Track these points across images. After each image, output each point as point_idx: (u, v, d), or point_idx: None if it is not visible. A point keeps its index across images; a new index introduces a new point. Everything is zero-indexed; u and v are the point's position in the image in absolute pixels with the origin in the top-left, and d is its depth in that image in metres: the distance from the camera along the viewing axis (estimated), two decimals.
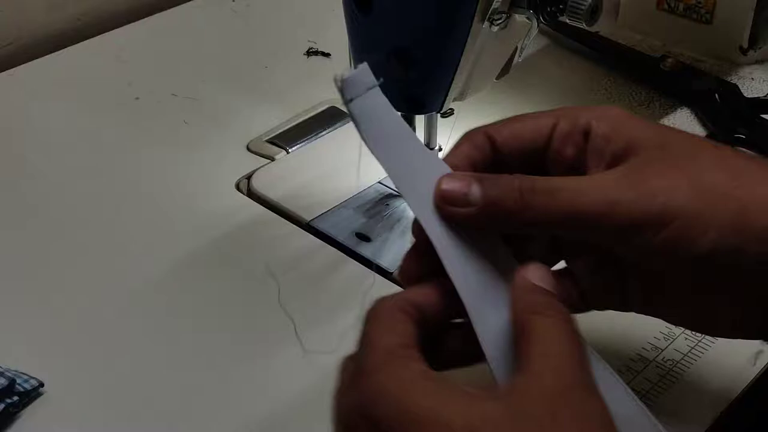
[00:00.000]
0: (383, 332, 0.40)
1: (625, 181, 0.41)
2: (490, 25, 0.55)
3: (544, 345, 0.38)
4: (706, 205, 0.40)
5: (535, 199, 0.41)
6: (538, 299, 0.40)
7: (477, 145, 0.45)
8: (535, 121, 0.45)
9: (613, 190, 0.41)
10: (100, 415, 0.52)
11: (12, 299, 0.60)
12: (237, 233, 0.65)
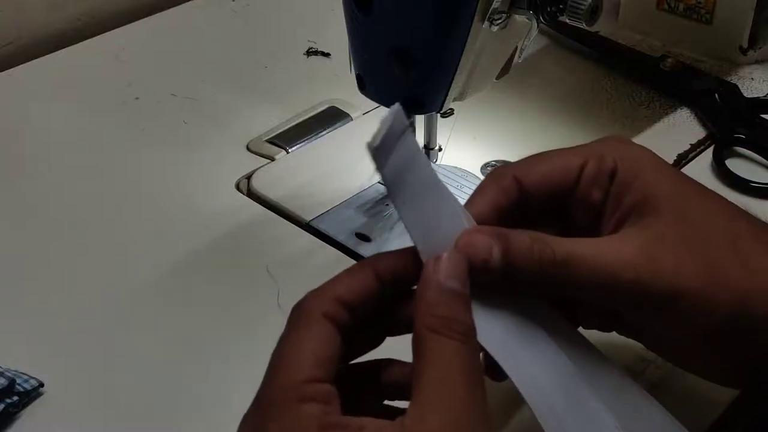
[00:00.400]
0: (299, 348, 0.39)
1: (642, 258, 0.41)
2: (490, 25, 0.55)
3: (437, 370, 0.37)
4: (714, 291, 0.41)
5: (553, 270, 0.41)
6: (440, 312, 0.38)
7: (504, 188, 0.44)
8: (563, 162, 0.44)
9: (630, 267, 0.41)
10: (100, 415, 0.52)
11: (12, 299, 0.60)
12: (237, 233, 0.65)
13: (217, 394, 0.53)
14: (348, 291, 0.40)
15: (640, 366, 0.54)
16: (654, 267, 0.41)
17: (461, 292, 0.39)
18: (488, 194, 0.44)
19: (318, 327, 0.39)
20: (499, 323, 0.41)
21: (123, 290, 0.60)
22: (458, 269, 0.39)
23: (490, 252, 0.40)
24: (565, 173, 0.44)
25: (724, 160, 0.70)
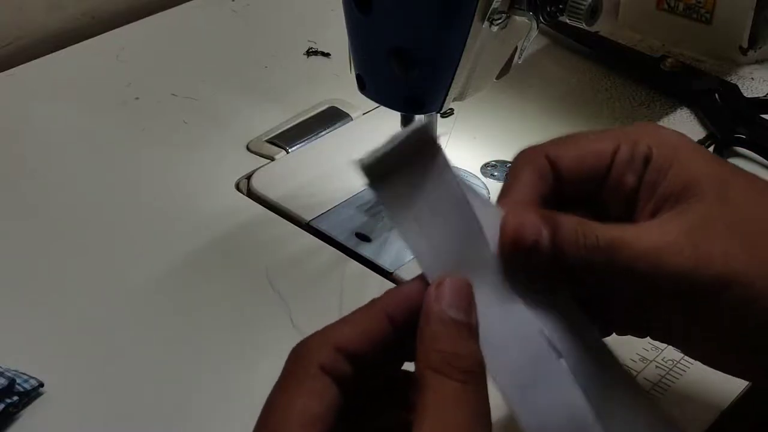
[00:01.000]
0: (281, 412, 0.36)
1: (687, 244, 0.39)
2: (490, 25, 0.55)
3: (437, 416, 0.34)
4: (759, 276, 0.39)
5: (596, 256, 0.39)
6: (441, 347, 0.35)
7: (541, 173, 0.42)
8: (597, 145, 0.42)
9: (675, 254, 0.39)
10: (100, 415, 0.52)
11: (12, 299, 0.60)
12: (237, 233, 0.65)
13: (217, 394, 0.53)
14: (352, 338, 0.36)
15: (640, 365, 0.54)
16: (700, 254, 0.39)
17: (465, 322, 0.36)
18: (527, 180, 0.41)
19: (312, 382, 0.36)
20: (511, 357, 0.38)
21: (123, 290, 0.60)
22: (462, 296, 0.36)
23: (540, 233, 0.38)
24: (598, 158, 0.42)
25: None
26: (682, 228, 0.39)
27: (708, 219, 0.40)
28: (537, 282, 0.39)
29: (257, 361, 0.55)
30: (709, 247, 0.39)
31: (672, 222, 0.40)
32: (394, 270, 0.61)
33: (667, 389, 0.53)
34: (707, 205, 0.40)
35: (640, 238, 0.39)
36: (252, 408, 0.53)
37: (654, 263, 0.39)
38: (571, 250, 0.39)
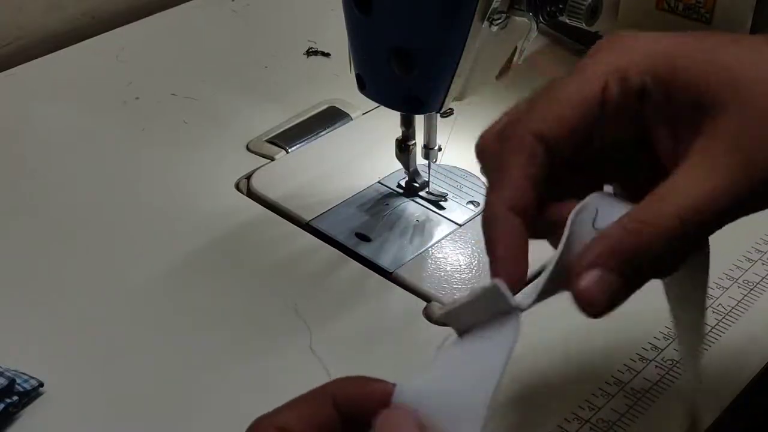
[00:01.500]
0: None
1: (741, 178, 0.35)
2: (490, 25, 0.55)
3: None
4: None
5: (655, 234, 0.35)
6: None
7: (529, 154, 0.37)
8: (578, 95, 0.37)
9: (733, 195, 0.36)
10: (100, 415, 0.52)
11: (12, 299, 0.60)
12: (237, 233, 0.65)
13: (217, 394, 0.53)
14: (302, 423, 0.34)
15: (639, 365, 0.54)
16: (753, 179, 0.35)
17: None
18: (515, 170, 0.37)
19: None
20: None
21: (123, 290, 0.60)
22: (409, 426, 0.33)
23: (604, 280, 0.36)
24: (586, 110, 0.37)
25: None
26: (722, 161, 0.35)
27: (740, 134, 0.35)
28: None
29: (258, 361, 0.55)
30: (756, 168, 0.35)
31: (706, 157, 0.36)
32: (393, 270, 0.61)
33: (667, 389, 0.53)
34: (732, 119, 0.36)
35: (688, 195, 0.35)
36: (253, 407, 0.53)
37: (714, 211, 0.35)
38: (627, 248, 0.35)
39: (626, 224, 0.36)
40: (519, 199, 0.37)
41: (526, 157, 0.37)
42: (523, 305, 0.37)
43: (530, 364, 0.55)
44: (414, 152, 0.65)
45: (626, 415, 0.51)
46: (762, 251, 0.62)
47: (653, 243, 0.35)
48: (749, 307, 0.58)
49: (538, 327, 0.57)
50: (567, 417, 0.51)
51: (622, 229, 0.36)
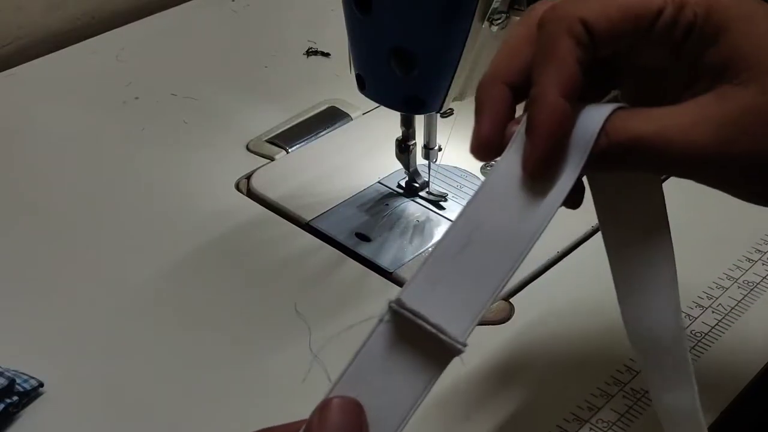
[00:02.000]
0: None
1: (716, 140, 0.36)
2: (490, 25, 0.55)
3: None
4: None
5: (615, 151, 0.36)
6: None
7: (579, 41, 0.37)
8: (635, 5, 0.37)
9: (702, 152, 0.36)
10: (100, 415, 0.52)
11: (12, 299, 0.60)
12: (237, 233, 0.65)
13: (216, 393, 0.53)
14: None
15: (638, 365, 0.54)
16: (726, 151, 0.36)
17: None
18: (566, 53, 0.36)
19: None
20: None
21: (123, 290, 0.60)
22: (350, 416, 0.33)
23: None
24: (637, 22, 0.37)
25: None
26: (712, 120, 0.36)
27: (745, 111, 0.36)
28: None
29: (258, 360, 0.55)
30: (740, 144, 0.36)
31: (705, 110, 0.36)
32: (393, 270, 0.61)
33: None
34: (747, 96, 0.36)
35: (663, 130, 0.36)
36: (253, 406, 0.53)
37: (678, 161, 0.36)
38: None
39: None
40: (572, 84, 0.36)
41: (575, 42, 0.37)
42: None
43: (530, 364, 0.55)
44: (414, 152, 0.65)
45: (626, 415, 0.51)
46: (762, 251, 0.62)
47: (607, 147, 0.36)
48: (749, 307, 0.58)
49: (538, 327, 0.58)
50: (567, 417, 0.51)
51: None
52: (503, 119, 0.38)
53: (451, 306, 0.34)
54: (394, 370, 0.34)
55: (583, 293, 0.59)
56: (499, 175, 0.37)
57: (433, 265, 0.35)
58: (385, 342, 0.34)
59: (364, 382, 0.34)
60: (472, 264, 0.35)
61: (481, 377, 0.54)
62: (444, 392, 0.53)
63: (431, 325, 0.34)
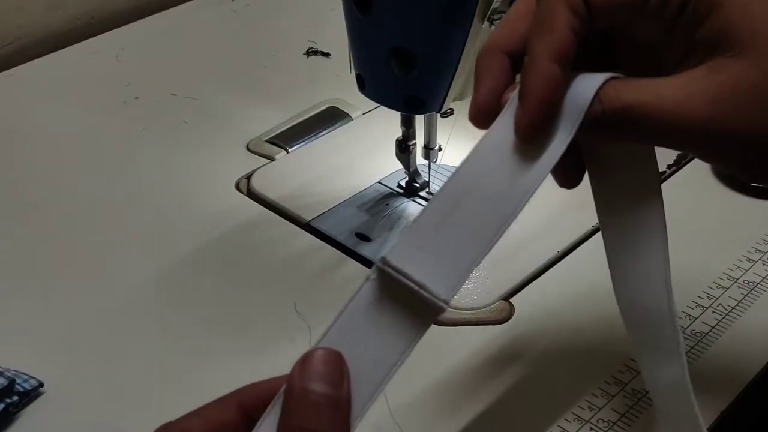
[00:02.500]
0: None
1: (709, 111, 0.36)
2: (490, 25, 0.55)
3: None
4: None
5: (609, 119, 0.37)
6: (305, 425, 0.32)
7: (575, 10, 0.37)
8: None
9: (696, 122, 0.36)
10: (100, 415, 0.52)
11: (12, 299, 0.60)
12: (237, 233, 0.65)
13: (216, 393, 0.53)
14: (203, 425, 0.35)
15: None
16: (720, 124, 0.36)
17: (332, 395, 0.32)
18: (561, 21, 0.37)
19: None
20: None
21: (123, 290, 0.60)
22: (330, 368, 0.33)
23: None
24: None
25: None
26: (707, 92, 0.37)
27: (738, 84, 0.37)
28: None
29: (258, 359, 0.55)
30: (733, 118, 0.36)
31: (699, 83, 0.37)
32: None
33: None
34: (741, 69, 0.37)
35: (658, 101, 0.36)
36: None
37: (671, 131, 0.37)
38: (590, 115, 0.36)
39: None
40: (565, 52, 0.37)
41: (572, 13, 0.37)
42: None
43: (530, 364, 0.55)
44: (414, 152, 0.65)
45: (626, 415, 0.51)
46: (762, 251, 0.62)
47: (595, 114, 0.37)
48: (749, 307, 0.58)
49: (538, 327, 0.58)
50: (567, 417, 0.51)
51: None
52: (500, 87, 0.38)
53: (436, 266, 0.35)
54: (378, 327, 0.35)
55: (583, 293, 0.59)
56: (491, 140, 0.38)
57: (421, 226, 0.36)
58: (370, 299, 0.35)
59: (348, 338, 0.34)
60: (459, 226, 0.36)
61: (481, 377, 0.54)
62: (444, 392, 0.53)
63: (414, 283, 0.34)
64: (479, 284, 0.59)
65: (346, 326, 0.34)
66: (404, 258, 0.35)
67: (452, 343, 0.56)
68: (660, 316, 0.40)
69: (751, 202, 0.67)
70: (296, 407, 0.32)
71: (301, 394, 0.32)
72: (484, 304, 0.58)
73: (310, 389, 0.32)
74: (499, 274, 0.60)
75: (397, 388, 0.53)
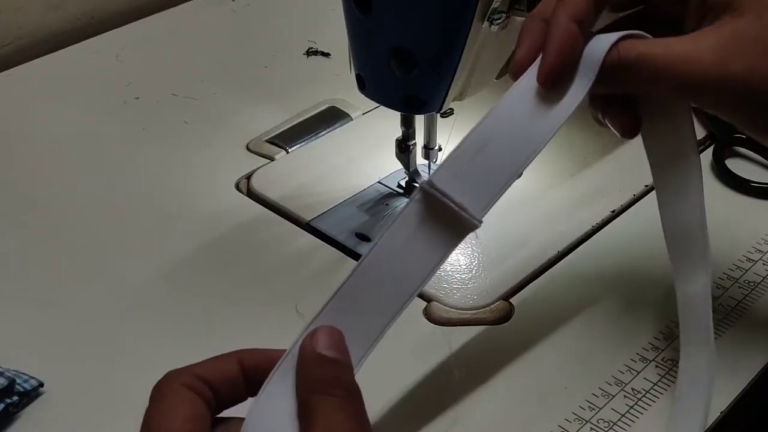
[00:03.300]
0: (164, 416, 0.38)
1: (711, 59, 0.42)
2: (490, 25, 0.55)
3: (325, 421, 0.37)
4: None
5: (620, 71, 0.43)
6: (323, 375, 0.39)
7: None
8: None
9: (698, 69, 0.42)
10: (100, 415, 0.52)
11: (12, 299, 0.60)
12: (237, 233, 0.65)
13: None
14: (209, 371, 0.40)
15: (640, 365, 0.54)
16: (722, 69, 0.42)
17: (339, 359, 0.39)
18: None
19: (181, 393, 0.38)
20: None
21: (123, 290, 0.60)
22: (335, 340, 0.40)
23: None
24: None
25: (723, 160, 0.70)
26: (711, 43, 0.42)
27: (739, 35, 0.43)
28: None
29: None
30: (732, 62, 0.42)
31: (706, 37, 0.43)
32: None
33: (667, 389, 0.53)
34: (743, 22, 0.43)
35: (666, 53, 0.42)
36: None
37: (677, 78, 0.42)
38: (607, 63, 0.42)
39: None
40: (582, 13, 0.43)
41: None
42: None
43: (530, 364, 0.55)
44: (414, 152, 0.65)
45: (626, 415, 0.51)
46: (762, 251, 0.62)
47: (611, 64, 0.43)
48: (749, 307, 0.58)
49: (538, 327, 0.58)
50: (567, 417, 0.51)
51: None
52: (537, 47, 0.43)
53: (470, 192, 0.41)
54: (420, 238, 0.41)
55: (583, 293, 0.59)
56: (518, 89, 0.43)
57: (457, 159, 0.42)
58: (415, 214, 0.41)
59: (394, 245, 0.42)
60: (488, 162, 0.41)
61: (481, 377, 0.54)
62: (444, 392, 0.53)
63: (455, 204, 0.41)
64: (479, 284, 0.59)
65: (394, 238, 0.42)
66: (445, 182, 0.41)
67: (452, 343, 0.56)
68: (695, 231, 0.49)
69: (751, 202, 0.67)
70: (312, 365, 0.39)
71: (315, 356, 0.39)
72: (484, 304, 0.58)
73: (324, 354, 0.39)
74: (499, 274, 0.60)
75: (397, 387, 0.53)
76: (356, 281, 0.43)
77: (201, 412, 0.38)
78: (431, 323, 0.57)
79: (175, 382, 0.39)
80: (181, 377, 0.39)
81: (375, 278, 0.43)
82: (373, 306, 0.42)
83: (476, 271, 0.60)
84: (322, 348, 0.39)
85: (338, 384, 0.38)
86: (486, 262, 0.61)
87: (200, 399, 0.39)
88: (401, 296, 0.41)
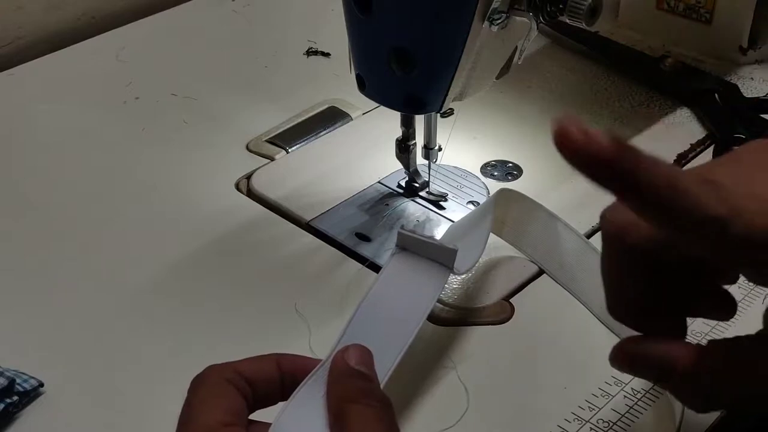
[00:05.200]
0: (206, 406, 0.39)
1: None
2: (490, 25, 0.55)
3: (361, 427, 0.39)
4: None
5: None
6: (356, 385, 0.41)
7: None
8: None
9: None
10: (100, 415, 0.52)
11: (12, 299, 0.60)
12: (237, 233, 0.65)
13: None
14: (249, 369, 0.41)
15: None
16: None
17: (369, 374, 0.42)
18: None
19: (223, 387, 0.40)
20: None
21: (123, 290, 0.60)
22: (365, 357, 0.42)
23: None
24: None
25: None
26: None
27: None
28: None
29: None
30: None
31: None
32: None
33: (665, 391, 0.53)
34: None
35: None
36: None
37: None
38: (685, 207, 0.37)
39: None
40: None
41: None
42: (461, 271, 0.50)
43: (530, 364, 0.55)
44: (414, 152, 0.65)
45: (626, 415, 0.51)
46: None
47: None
48: (749, 307, 0.57)
49: (538, 326, 0.58)
50: (567, 417, 0.51)
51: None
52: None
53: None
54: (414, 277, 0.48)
55: None
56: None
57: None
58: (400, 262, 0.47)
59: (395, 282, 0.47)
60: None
61: (481, 377, 0.54)
62: (444, 392, 0.53)
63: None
64: (479, 284, 0.59)
65: (389, 282, 0.48)
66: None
67: (452, 343, 0.56)
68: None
69: None
70: (345, 376, 0.41)
71: (348, 368, 0.41)
72: (484, 304, 0.58)
73: (355, 368, 0.41)
74: (499, 274, 0.60)
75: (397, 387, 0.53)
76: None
77: (240, 408, 0.40)
78: (431, 323, 0.57)
79: (218, 375, 0.40)
80: (225, 372, 0.40)
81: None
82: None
83: (476, 271, 0.60)
84: (354, 363, 0.41)
85: (372, 395, 0.40)
86: (486, 262, 0.61)
87: (240, 395, 0.40)
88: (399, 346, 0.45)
